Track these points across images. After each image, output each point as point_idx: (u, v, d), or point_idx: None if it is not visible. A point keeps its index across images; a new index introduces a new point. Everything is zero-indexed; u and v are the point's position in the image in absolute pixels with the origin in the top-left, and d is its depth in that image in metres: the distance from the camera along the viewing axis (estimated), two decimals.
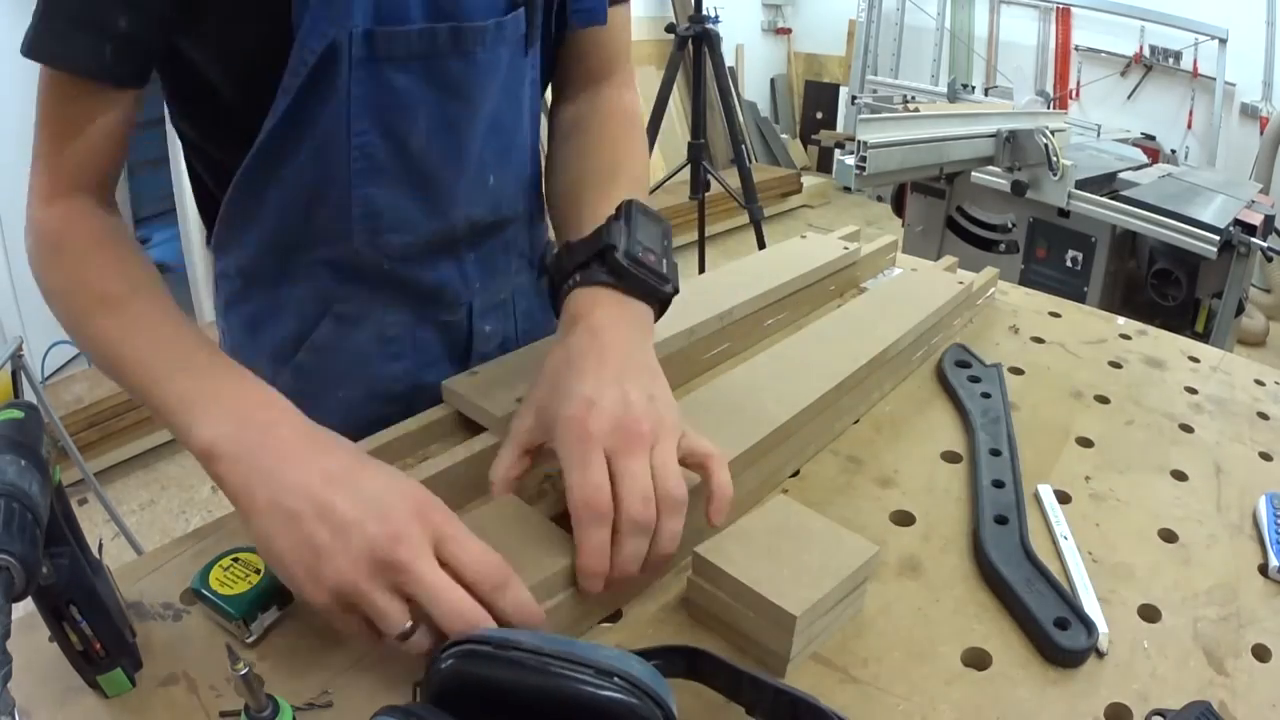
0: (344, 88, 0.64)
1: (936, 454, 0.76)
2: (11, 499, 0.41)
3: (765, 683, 0.47)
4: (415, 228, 0.75)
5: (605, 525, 0.52)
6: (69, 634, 0.47)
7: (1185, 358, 0.98)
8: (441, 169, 0.73)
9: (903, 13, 5.40)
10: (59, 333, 2.33)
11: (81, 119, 0.62)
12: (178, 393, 0.54)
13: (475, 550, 0.48)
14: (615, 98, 0.85)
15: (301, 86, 0.63)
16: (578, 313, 0.62)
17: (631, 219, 0.64)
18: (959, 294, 0.96)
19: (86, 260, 0.62)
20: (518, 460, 0.59)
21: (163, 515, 2.45)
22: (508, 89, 0.74)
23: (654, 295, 0.64)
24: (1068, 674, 0.54)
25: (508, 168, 0.79)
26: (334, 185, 0.69)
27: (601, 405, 0.54)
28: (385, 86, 0.65)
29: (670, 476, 0.53)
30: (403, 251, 0.75)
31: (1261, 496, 0.71)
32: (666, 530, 0.53)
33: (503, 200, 0.80)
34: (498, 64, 0.71)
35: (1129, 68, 4.68)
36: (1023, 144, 2.29)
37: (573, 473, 0.53)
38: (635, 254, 0.62)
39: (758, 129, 5.71)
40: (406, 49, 0.65)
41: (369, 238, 0.73)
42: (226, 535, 0.63)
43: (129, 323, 0.59)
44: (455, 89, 0.69)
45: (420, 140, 0.70)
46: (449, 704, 0.42)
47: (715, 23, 2.91)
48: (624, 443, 0.53)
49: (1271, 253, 2.27)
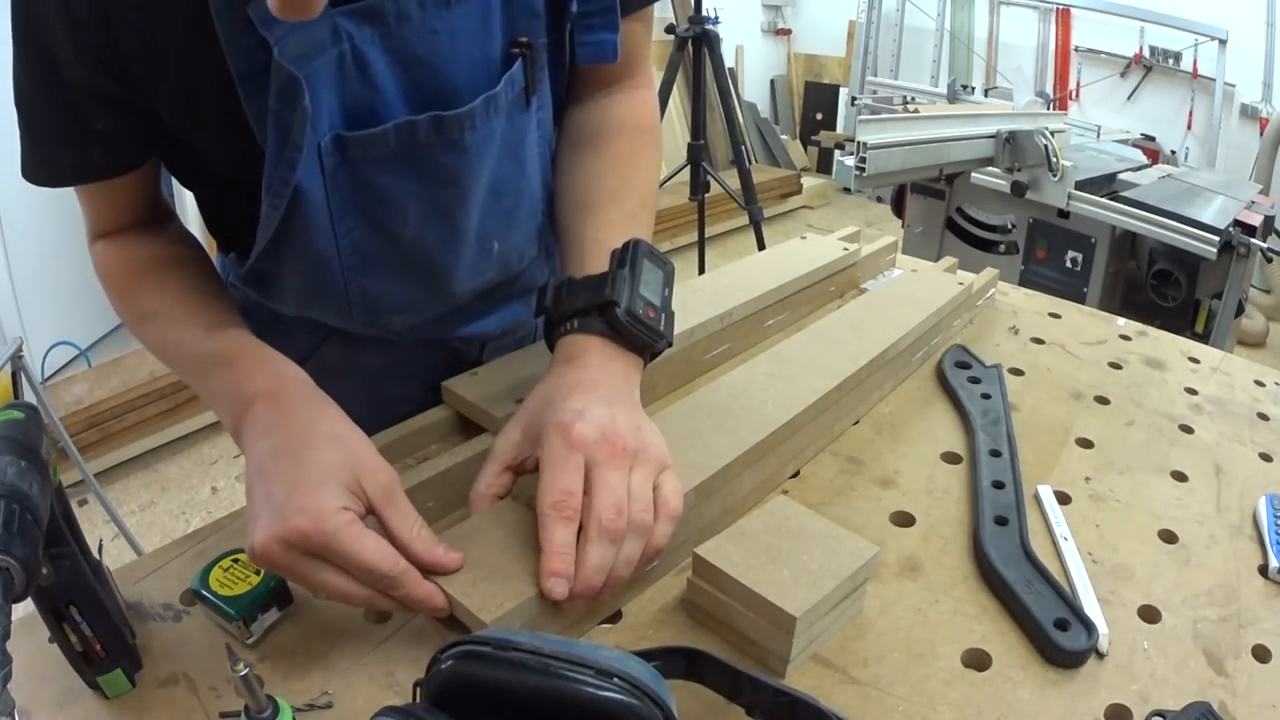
0: (321, 193, 0.62)
1: (936, 455, 0.76)
2: (11, 500, 0.41)
3: (765, 684, 0.47)
4: (418, 308, 0.75)
5: (571, 527, 0.52)
6: (69, 635, 0.47)
7: (1185, 358, 0.98)
8: (438, 252, 0.71)
9: (903, 13, 5.40)
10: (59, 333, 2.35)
11: (98, 199, 0.68)
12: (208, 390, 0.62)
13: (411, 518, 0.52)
14: (629, 104, 0.79)
15: (280, 221, 0.63)
16: (571, 355, 0.62)
17: (637, 267, 0.63)
18: (959, 295, 0.96)
19: (126, 289, 0.68)
20: (498, 476, 0.59)
21: (162, 516, 2.45)
22: (507, 154, 0.70)
23: (647, 349, 0.64)
24: (1068, 675, 0.54)
25: (513, 229, 0.76)
26: (330, 275, 0.69)
27: (589, 417, 0.55)
28: (365, 186, 0.64)
29: (640, 500, 0.53)
30: (409, 326, 0.76)
31: (1261, 497, 0.71)
32: (624, 552, 0.52)
33: (510, 259, 0.78)
34: (491, 138, 0.67)
35: (1129, 68, 4.68)
36: (1022, 145, 2.29)
37: (547, 474, 0.53)
38: (636, 311, 0.61)
39: (757, 130, 5.71)
40: (384, 148, 0.62)
41: (371, 319, 0.73)
42: (226, 536, 0.63)
43: (164, 331, 0.65)
44: (443, 176, 0.66)
45: (412, 230, 0.68)
46: (449, 704, 0.42)
47: (715, 23, 2.91)
48: (605, 454, 0.54)
49: (1271, 253, 2.27)
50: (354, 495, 0.51)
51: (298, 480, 0.50)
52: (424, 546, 0.52)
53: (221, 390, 0.60)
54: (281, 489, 0.50)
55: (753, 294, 0.91)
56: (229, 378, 0.59)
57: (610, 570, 0.52)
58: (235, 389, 0.58)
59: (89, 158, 0.62)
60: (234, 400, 0.58)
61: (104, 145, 0.61)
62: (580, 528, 0.52)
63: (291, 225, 0.64)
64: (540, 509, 0.52)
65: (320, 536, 0.48)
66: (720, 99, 3.14)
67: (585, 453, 0.53)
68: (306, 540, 0.48)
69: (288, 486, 0.50)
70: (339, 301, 0.71)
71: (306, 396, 0.58)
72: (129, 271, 0.68)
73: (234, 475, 2.63)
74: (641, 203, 0.74)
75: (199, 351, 0.62)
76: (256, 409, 0.56)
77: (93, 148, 0.61)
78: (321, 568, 0.49)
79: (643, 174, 0.77)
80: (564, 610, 0.53)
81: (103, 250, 0.69)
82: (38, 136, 0.61)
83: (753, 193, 2.94)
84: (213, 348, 0.61)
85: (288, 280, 0.71)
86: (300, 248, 0.66)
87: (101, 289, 0.70)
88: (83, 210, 0.69)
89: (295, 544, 0.48)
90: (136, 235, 0.70)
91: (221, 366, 0.60)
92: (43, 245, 2.82)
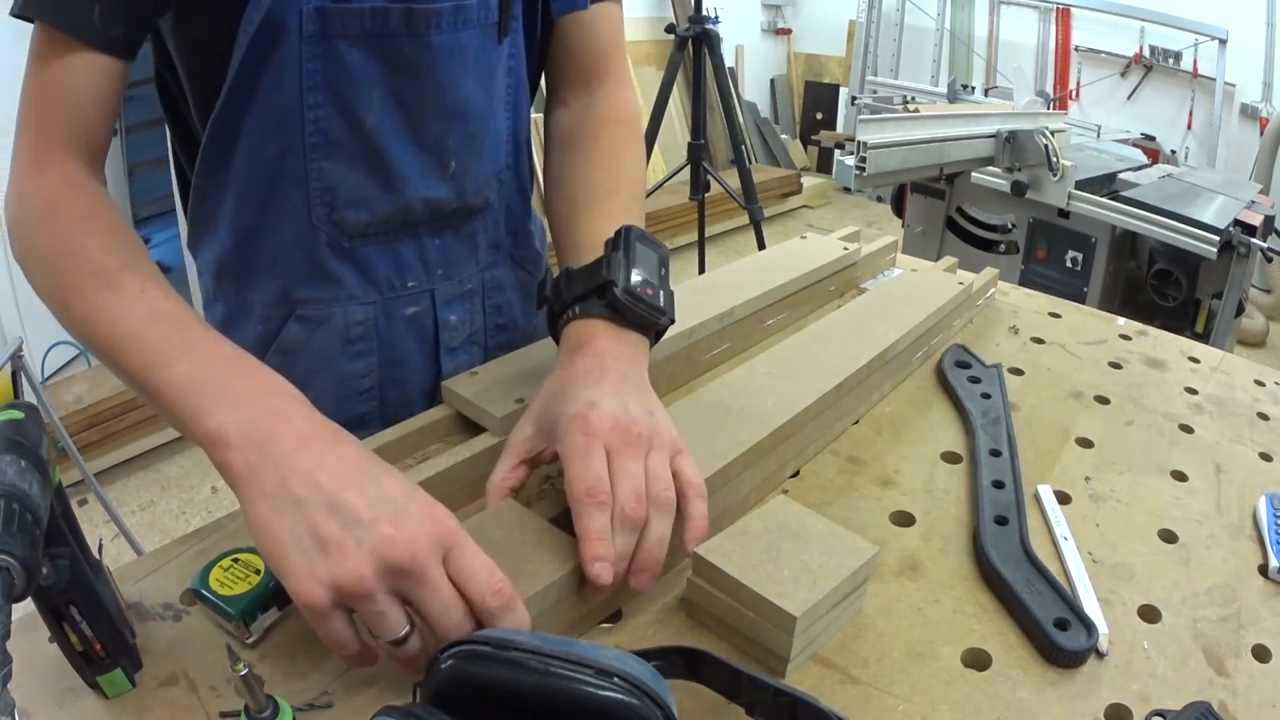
0: (296, 61, 0.66)
1: (936, 454, 0.76)
2: (11, 500, 0.41)
3: (765, 683, 0.47)
4: (371, 205, 0.75)
5: (606, 512, 0.53)
6: (69, 634, 0.47)
7: (1185, 358, 0.98)
8: (395, 147, 0.73)
9: (903, 13, 5.40)
10: (59, 333, 2.34)
11: (71, 80, 0.61)
12: (183, 376, 0.52)
13: (484, 566, 0.48)
14: (610, 101, 0.84)
15: (244, 58, 0.65)
16: (578, 342, 0.63)
17: (630, 249, 0.65)
18: (959, 294, 0.96)
19: (79, 231, 0.59)
20: (514, 469, 0.60)
21: (162, 516, 2.45)
22: (478, 76, 0.75)
23: (650, 327, 0.65)
24: (1068, 674, 0.54)
25: (474, 155, 0.79)
26: (291, 160, 0.71)
27: (602, 408, 0.56)
28: (338, 62, 0.67)
29: (660, 480, 0.55)
30: (360, 229, 0.76)
31: (1261, 497, 0.71)
32: (654, 531, 0.54)
33: (467, 187, 0.80)
34: (460, 48, 0.72)
35: (1129, 68, 4.68)
36: (1023, 144, 2.29)
37: (574, 464, 0.54)
38: (634, 289, 0.63)
39: (757, 129, 5.71)
40: (359, 26, 0.67)
41: (326, 213, 0.74)
42: (226, 535, 0.63)
43: (125, 300, 0.56)
44: (409, 69, 0.70)
45: (373, 118, 0.71)
46: (449, 704, 0.42)
47: (715, 23, 2.91)
48: (621, 442, 0.55)
49: (1271, 253, 2.27)
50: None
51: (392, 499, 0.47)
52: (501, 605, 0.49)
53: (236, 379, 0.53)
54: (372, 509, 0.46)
55: (753, 294, 0.91)
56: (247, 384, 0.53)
57: (644, 552, 0.53)
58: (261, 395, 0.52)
59: (89, 12, 0.60)
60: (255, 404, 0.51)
61: (104, 8, 0.60)
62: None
63: (259, 96, 0.67)
64: (574, 498, 0.53)
65: (450, 534, 0.47)
66: (720, 99, 3.14)
67: (604, 440, 0.55)
68: (440, 540, 0.46)
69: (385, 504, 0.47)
70: (298, 192, 0.72)
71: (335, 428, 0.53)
72: (86, 207, 0.61)
73: None
74: (632, 195, 0.77)
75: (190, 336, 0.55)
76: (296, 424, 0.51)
77: (95, 5, 0.60)
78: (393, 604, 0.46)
79: (631, 167, 0.81)
80: (585, 601, 0.54)
81: (50, 185, 0.61)
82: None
83: (753, 192, 2.94)
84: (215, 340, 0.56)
85: (248, 173, 0.71)
86: (268, 125, 0.68)
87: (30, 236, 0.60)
88: (27, 134, 0.62)
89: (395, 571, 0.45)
90: (88, 174, 0.63)
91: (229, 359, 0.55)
92: None
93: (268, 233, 0.75)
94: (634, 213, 0.74)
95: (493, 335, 0.90)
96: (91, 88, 0.62)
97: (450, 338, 0.85)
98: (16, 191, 0.62)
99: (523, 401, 0.71)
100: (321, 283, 0.77)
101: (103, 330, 0.55)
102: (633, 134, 0.84)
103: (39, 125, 0.62)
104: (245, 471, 0.48)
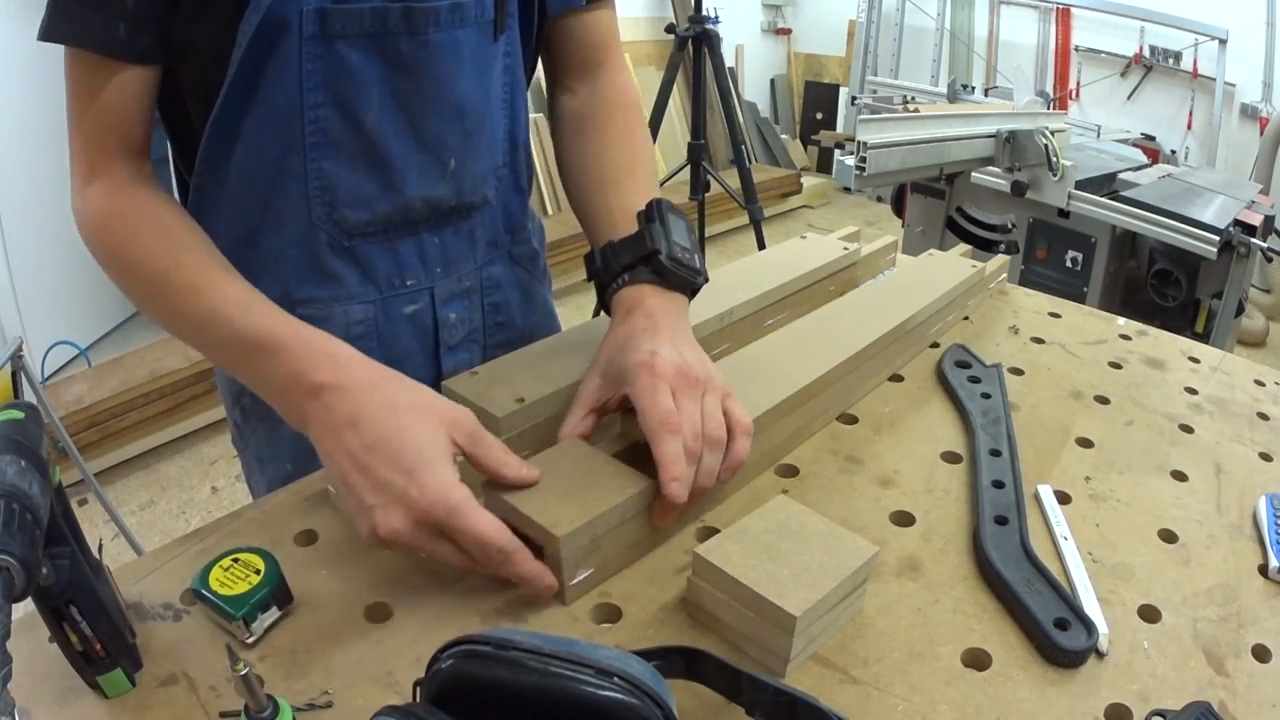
0: (296, 61, 0.67)
1: (936, 454, 0.76)
2: (11, 499, 0.41)
3: (765, 683, 0.47)
4: (370, 204, 0.76)
5: (678, 439, 0.60)
6: (69, 634, 0.47)
7: (1185, 358, 0.98)
8: (395, 146, 0.74)
9: (903, 13, 5.40)
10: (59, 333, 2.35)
11: (107, 93, 0.65)
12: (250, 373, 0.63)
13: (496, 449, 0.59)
14: (615, 86, 0.88)
15: (243, 59, 0.65)
16: (630, 304, 0.70)
17: (665, 220, 0.72)
18: (972, 275, 1.02)
19: (128, 241, 0.66)
20: (584, 418, 0.67)
21: (163, 515, 2.45)
22: (474, 74, 0.76)
23: (690, 287, 0.73)
24: (1068, 674, 0.54)
25: (473, 153, 0.80)
26: (291, 160, 0.71)
27: (664, 355, 0.64)
28: (338, 62, 0.68)
29: (713, 419, 0.63)
30: (360, 228, 0.77)
31: (1261, 497, 0.71)
32: (705, 464, 0.62)
33: (465, 185, 0.81)
34: (457, 46, 0.73)
35: (1129, 68, 4.68)
36: (1023, 144, 2.29)
37: (645, 400, 0.62)
38: (675, 255, 0.71)
39: (757, 129, 5.71)
40: (359, 26, 0.67)
41: (326, 212, 0.75)
42: (226, 535, 0.63)
43: (180, 299, 0.64)
44: (408, 67, 0.71)
45: (373, 117, 0.72)
46: (449, 704, 0.42)
47: (715, 23, 2.91)
48: (683, 385, 0.63)
49: (1271, 253, 2.27)
50: (453, 456, 0.57)
51: (410, 465, 0.55)
52: (514, 471, 0.59)
53: (271, 374, 0.61)
54: (398, 475, 0.55)
55: (753, 293, 0.92)
56: (281, 363, 0.60)
57: (695, 484, 0.61)
58: (291, 377, 0.60)
59: (114, 29, 0.62)
60: (289, 389, 0.60)
61: (130, 23, 0.62)
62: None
63: (259, 96, 0.68)
64: (649, 428, 0.61)
65: (445, 514, 0.54)
66: (720, 99, 3.14)
67: (669, 382, 0.62)
68: (432, 519, 0.54)
69: (405, 471, 0.55)
70: (298, 191, 0.73)
71: (369, 376, 0.61)
72: (136, 229, 0.66)
73: (234, 475, 2.63)
74: (649, 172, 0.84)
75: (235, 330, 0.62)
76: (326, 399, 0.58)
77: (120, 21, 0.62)
78: (441, 542, 0.55)
79: (644, 148, 0.86)
80: (655, 526, 0.62)
81: (99, 196, 0.66)
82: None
83: (753, 192, 2.94)
84: (253, 327, 0.62)
85: (247, 173, 0.72)
86: (268, 125, 0.69)
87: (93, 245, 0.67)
88: (74, 135, 0.66)
89: (424, 524, 0.54)
90: (132, 180, 0.68)
91: (267, 352, 0.61)
92: (42, 245, 2.82)
93: (267, 232, 0.75)
94: (652, 187, 0.81)
95: (492, 333, 0.90)
96: (129, 98, 0.66)
97: (450, 335, 0.86)
98: (75, 207, 0.68)
99: (523, 400, 0.71)
100: (321, 282, 0.77)
101: (183, 328, 0.66)
102: (639, 117, 0.89)
103: (85, 141, 0.66)
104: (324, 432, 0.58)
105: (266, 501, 0.68)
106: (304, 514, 0.66)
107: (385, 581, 0.60)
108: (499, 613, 0.58)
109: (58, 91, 0.66)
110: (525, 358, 0.80)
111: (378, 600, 0.58)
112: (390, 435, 0.56)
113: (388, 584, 0.60)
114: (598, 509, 0.58)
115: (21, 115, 2.68)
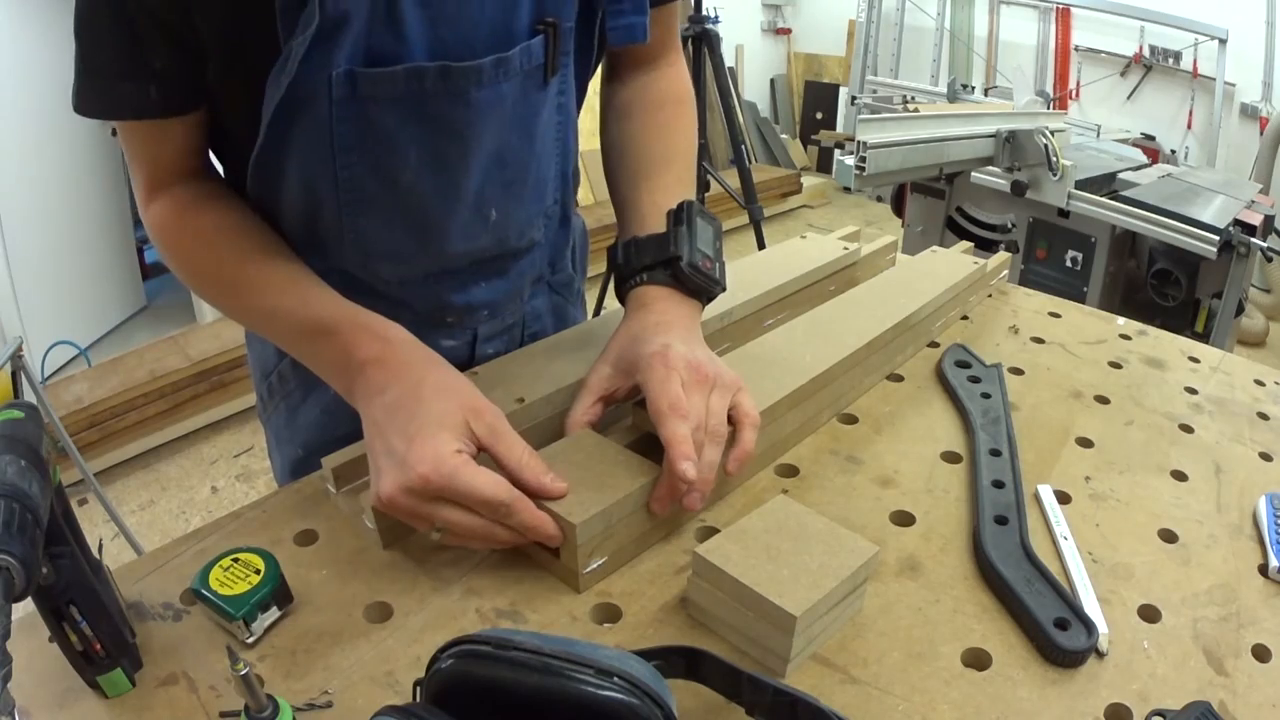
0: (327, 123, 0.64)
1: (936, 454, 0.76)
2: (11, 499, 0.41)
3: (765, 683, 0.47)
4: (408, 259, 0.75)
5: (686, 423, 0.60)
6: (69, 634, 0.47)
7: (1185, 358, 0.98)
8: (434, 204, 0.72)
9: (903, 13, 5.40)
10: (59, 333, 2.36)
11: (152, 143, 0.67)
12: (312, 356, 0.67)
13: (518, 449, 0.59)
14: (667, 79, 0.86)
15: (273, 119, 0.63)
16: (644, 302, 0.71)
17: (692, 224, 0.72)
18: (975, 271, 1.03)
19: (196, 256, 0.70)
20: (592, 406, 0.68)
21: (163, 515, 2.45)
22: (516, 123, 0.72)
23: (706, 294, 0.73)
24: (1068, 674, 0.54)
25: (514, 202, 0.77)
26: (325, 213, 0.70)
27: (677, 349, 0.65)
28: (371, 124, 0.65)
29: (716, 415, 0.64)
30: (398, 278, 0.76)
31: (1261, 497, 0.71)
32: (706, 457, 0.62)
33: (509, 234, 0.79)
34: (499, 100, 0.68)
35: (1129, 68, 4.68)
36: (1022, 144, 2.29)
37: (655, 387, 0.63)
38: (696, 262, 0.71)
39: (757, 129, 5.71)
40: (392, 89, 0.63)
41: (361, 263, 0.74)
42: (226, 536, 0.63)
43: (242, 299, 0.69)
44: (447, 128, 0.67)
45: (410, 176, 0.69)
46: (449, 704, 0.42)
47: (715, 23, 2.91)
48: (693, 379, 0.64)
49: (1271, 253, 2.27)
50: (466, 438, 0.57)
51: (415, 432, 0.56)
52: (532, 474, 0.58)
53: (328, 358, 0.64)
54: (401, 441, 0.56)
55: (753, 293, 0.92)
56: (336, 346, 0.63)
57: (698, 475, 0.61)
58: (343, 357, 0.63)
59: (146, 94, 0.62)
60: (343, 368, 0.63)
61: (160, 84, 0.62)
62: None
63: (288, 155, 0.66)
64: (658, 413, 0.61)
65: (440, 479, 0.54)
66: (720, 98, 3.14)
67: (679, 374, 0.63)
68: (428, 484, 0.55)
69: (407, 438, 0.56)
70: (334, 242, 0.73)
71: (412, 356, 0.63)
72: (199, 239, 0.69)
73: (234, 475, 2.63)
74: (687, 167, 0.83)
75: (297, 321, 0.66)
76: (368, 373, 0.61)
77: (150, 84, 0.61)
78: (443, 507, 0.56)
79: (686, 142, 0.85)
80: (653, 513, 0.62)
81: (161, 212, 0.69)
82: (96, 66, 0.61)
83: (753, 192, 2.94)
84: (312, 317, 0.65)
85: (285, 210, 0.71)
86: (300, 181, 0.68)
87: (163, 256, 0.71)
88: (131, 166, 0.69)
89: (418, 490, 0.55)
90: (193, 196, 0.69)
91: (324, 335, 0.64)
92: (43, 245, 2.83)
93: (309, 260, 0.73)
94: (687, 183, 0.81)
95: None
96: (176, 145, 0.68)
97: (481, 361, 0.85)
98: (144, 221, 0.71)
99: (523, 400, 0.71)
100: (357, 301, 0.76)
101: (256, 324, 0.72)
102: (689, 113, 0.87)
103: (142, 175, 0.69)
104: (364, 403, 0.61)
105: (266, 501, 0.68)
106: (304, 514, 0.66)
107: (385, 581, 0.60)
108: (499, 613, 0.58)
109: (58, 92, 0.66)
110: (525, 358, 0.80)
111: (378, 600, 0.58)
112: (407, 405, 0.58)
113: (388, 584, 0.60)
114: (612, 497, 0.59)
115: (22, 115, 2.68)
